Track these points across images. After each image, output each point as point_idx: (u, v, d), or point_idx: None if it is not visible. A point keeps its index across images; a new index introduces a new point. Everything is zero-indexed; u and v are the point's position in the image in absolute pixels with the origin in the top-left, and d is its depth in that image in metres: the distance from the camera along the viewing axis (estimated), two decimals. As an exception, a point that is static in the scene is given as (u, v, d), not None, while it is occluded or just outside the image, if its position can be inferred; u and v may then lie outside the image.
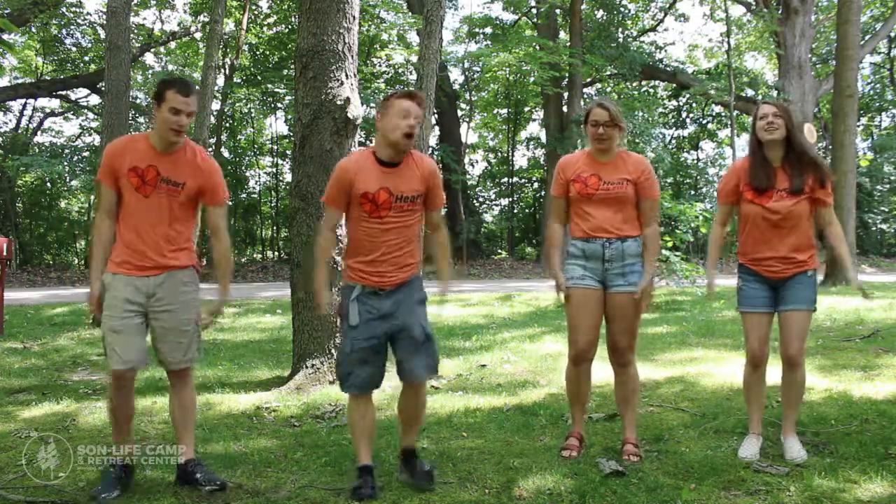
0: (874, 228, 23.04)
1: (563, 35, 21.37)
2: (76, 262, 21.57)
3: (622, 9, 23.87)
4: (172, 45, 22.21)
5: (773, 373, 4.93)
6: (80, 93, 22.08)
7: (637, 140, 21.42)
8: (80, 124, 22.54)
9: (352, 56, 5.17)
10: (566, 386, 3.50)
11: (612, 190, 3.27)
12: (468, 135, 25.32)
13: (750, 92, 22.70)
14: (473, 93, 24.52)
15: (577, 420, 3.50)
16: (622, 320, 3.30)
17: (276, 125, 25.53)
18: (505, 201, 26.48)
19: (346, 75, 5.10)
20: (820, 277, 4.15)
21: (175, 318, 2.99)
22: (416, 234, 3.11)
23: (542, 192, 21.81)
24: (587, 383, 3.47)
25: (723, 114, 25.06)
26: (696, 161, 26.91)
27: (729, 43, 21.26)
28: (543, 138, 23.12)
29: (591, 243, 3.28)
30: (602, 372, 5.32)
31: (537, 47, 18.73)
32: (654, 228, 3.41)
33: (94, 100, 21.34)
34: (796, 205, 3.25)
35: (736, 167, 3.51)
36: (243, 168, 23.36)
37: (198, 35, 21.18)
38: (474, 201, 25.15)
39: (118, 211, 2.98)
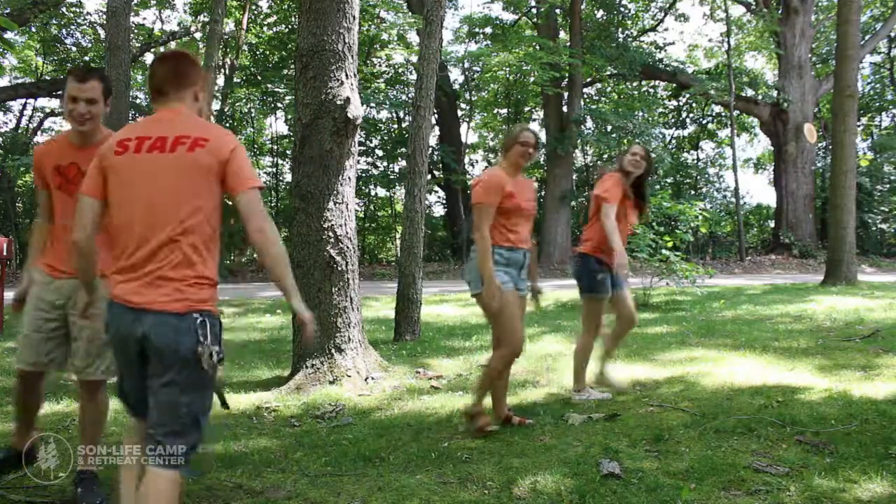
0: (874, 228, 23.02)
1: (563, 35, 21.37)
2: (76, 262, 21.54)
3: (622, 9, 23.88)
4: (172, 45, 22.17)
5: (773, 372, 4.92)
6: (80, 93, 22.07)
7: (637, 140, 21.42)
8: (80, 124, 22.50)
9: (352, 56, 5.18)
10: (492, 382, 3.92)
11: (533, 207, 3.97)
12: (468, 135, 25.36)
13: (750, 92, 22.71)
14: (473, 93, 24.53)
15: (502, 407, 4.04)
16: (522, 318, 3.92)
17: (276, 125, 25.60)
18: (505, 201, 26.47)
19: (346, 75, 5.10)
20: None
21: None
22: None
23: (542, 192, 21.80)
24: None
25: (723, 114, 25.07)
26: (696, 161, 26.91)
27: (729, 43, 21.27)
28: (543, 138, 23.12)
29: (516, 252, 3.80)
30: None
31: (537, 47, 18.73)
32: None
33: (94, 100, 21.31)
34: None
35: None
36: (243, 168, 23.35)
37: (198, 35, 21.18)
38: (474, 201, 25.13)
39: (51, 212, 2.90)
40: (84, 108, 2.76)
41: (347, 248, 5.13)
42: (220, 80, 19.74)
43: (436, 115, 20.23)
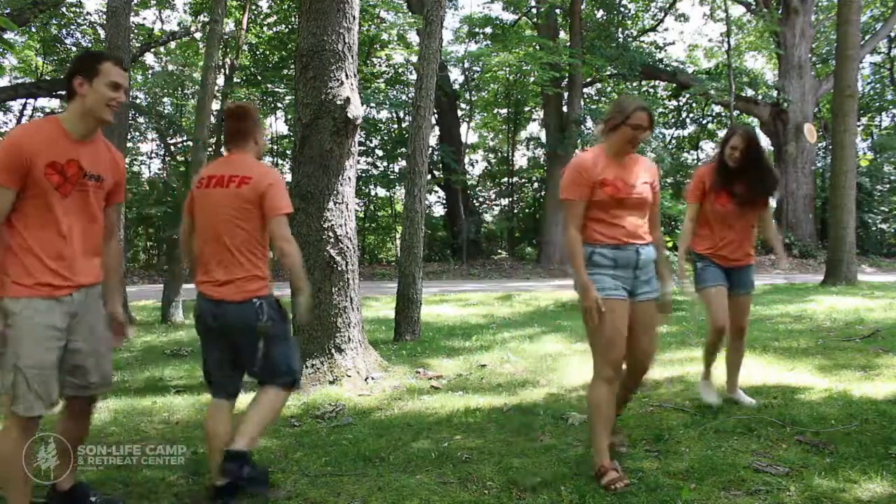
0: (874, 228, 23.02)
1: (563, 35, 21.37)
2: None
3: (622, 9, 23.87)
4: (172, 45, 22.20)
5: (773, 372, 4.92)
6: (80, 93, 22.06)
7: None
8: (80, 124, 22.50)
9: (352, 56, 5.18)
10: (594, 410, 3.06)
11: (642, 193, 3.13)
12: (468, 135, 25.36)
13: (750, 92, 22.71)
14: (473, 93, 24.52)
15: (604, 449, 3.06)
16: (650, 329, 3.17)
17: (276, 125, 25.51)
18: (505, 201, 26.50)
19: (346, 75, 5.10)
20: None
21: (97, 337, 2.62)
22: None
23: (542, 192, 21.80)
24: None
25: (723, 114, 25.07)
26: (696, 161, 26.90)
27: (729, 43, 21.26)
28: (543, 138, 23.11)
29: (624, 250, 3.05)
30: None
31: (537, 47, 18.73)
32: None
33: (94, 100, 21.31)
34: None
35: None
36: (243, 168, 23.36)
37: (198, 35, 21.16)
38: (474, 201, 25.13)
39: (11, 217, 2.43)
40: (124, 98, 2.57)
41: (347, 248, 5.13)
42: (220, 80, 19.73)
43: (436, 115, 20.23)
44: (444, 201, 24.23)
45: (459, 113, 23.91)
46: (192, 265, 3.12)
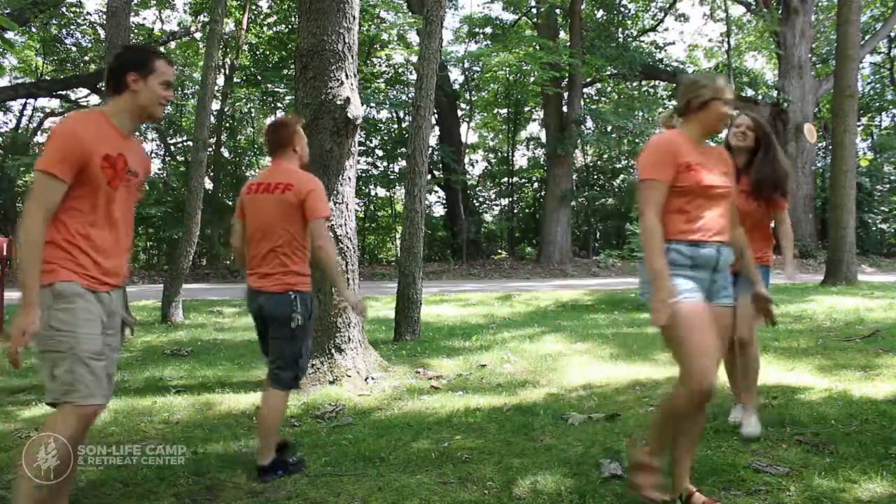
0: (874, 228, 23.04)
1: (563, 35, 21.37)
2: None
3: (622, 9, 23.88)
4: (172, 45, 22.21)
5: (773, 372, 4.92)
6: (80, 93, 22.10)
7: (637, 140, 21.42)
8: (80, 124, 22.52)
9: (352, 56, 5.18)
10: (673, 430, 2.69)
11: (727, 184, 2.74)
12: (468, 135, 25.36)
13: (750, 92, 22.72)
14: (473, 93, 24.52)
15: (682, 476, 2.74)
16: (724, 340, 2.82)
17: (276, 125, 25.52)
18: (505, 201, 26.50)
19: (346, 75, 5.10)
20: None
21: (118, 337, 2.58)
22: None
23: (542, 192, 21.80)
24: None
25: (723, 114, 25.03)
26: (695, 161, 26.85)
27: (729, 43, 21.27)
28: (543, 138, 23.12)
29: (705, 248, 2.64)
30: (600, 371, 5.33)
31: (537, 47, 18.73)
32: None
33: (94, 100, 21.35)
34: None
35: None
36: (243, 168, 23.36)
37: (198, 35, 21.19)
38: (474, 201, 25.15)
39: (58, 211, 2.34)
40: (171, 96, 2.56)
41: (347, 248, 5.13)
42: (221, 80, 19.74)
43: (436, 115, 20.24)
44: (444, 201, 24.24)
45: (459, 113, 23.92)
46: (242, 263, 3.44)
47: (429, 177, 16.62)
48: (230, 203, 22.44)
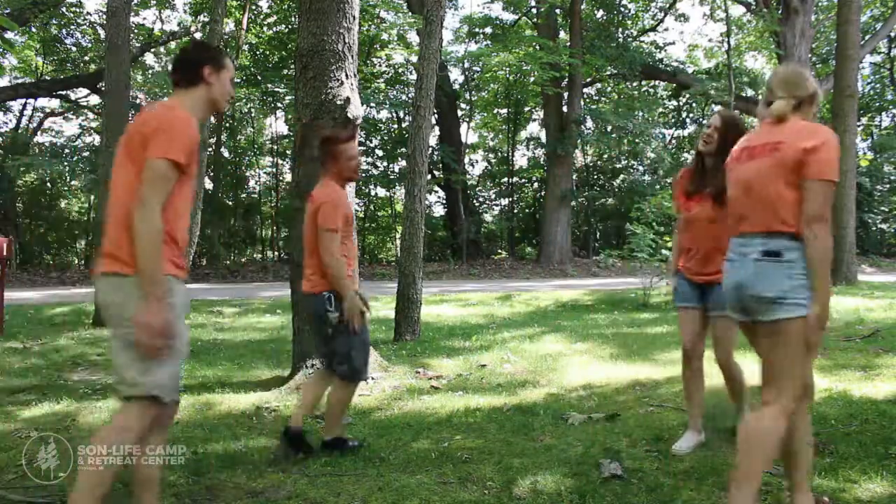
0: (874, 228, 23.05)
1: (563, 35, 21.37)
2: (76, 262, 21.58)
3: (622, 9, 23.88)
4: (172, 45, 22.20)
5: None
6: (80, 93, 22.09)
7: (637, 140, 21.43)
8: (80, 124, 22.58)
9: (352, 56, 5.17)
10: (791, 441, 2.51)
11: None
12: (468, 135, 25.35)
13: (750, 92, 22.71)
14: (473, 93, 24.51)
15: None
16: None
17: (276, 125, 25.52)
18: (505, 201, 26.49)
19: (346, 75, 5.10)
20: None
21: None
22: None
23: (542, 192, 21.80)
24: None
25: (723, 114, 25.03)
26: (695, 161, 26.83)
27: (729, 43, 21.23)
28: (543, 138, 23.11)
29: None
30: (600, 371, 5.33)
31: (537, 47, 18.73)
32: None
33: (94, 100, 21.35)
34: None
35: None
36: (243, 168, 23.37)
37: (198, 35, 21.16)
38: (474, 201, 25.14)
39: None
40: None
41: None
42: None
43: (436, 115, 20.22)
44: (444, 201, 24.23)
45: (459, 113, 23.91)
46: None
47: (429, 177, 16.61)
48: (230, 203, 22.49)
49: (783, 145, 2.43)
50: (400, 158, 21.52)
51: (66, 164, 18.99)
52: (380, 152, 22.50)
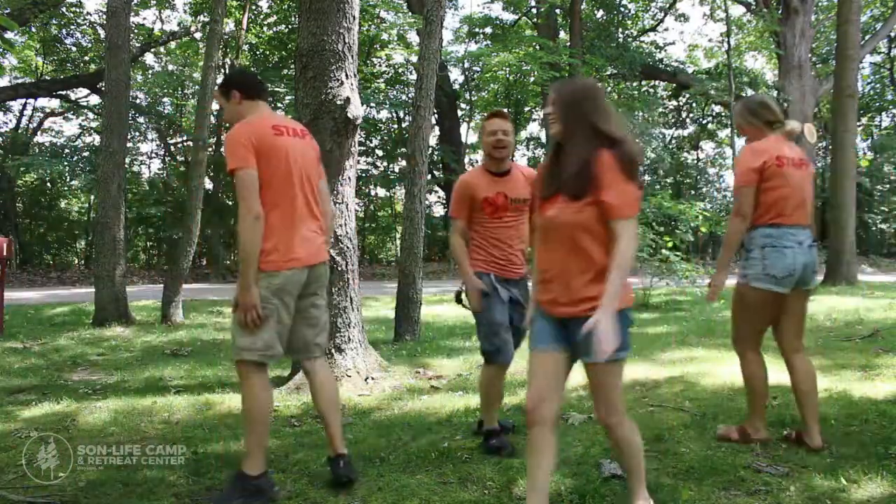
0: (874, 228, 23.06)
1: (563, 35, 21.38)
2: (76, 261, 21.59)
3: (622, 9, 23.89)
4: (172, 45, 22.21)
5: (773, 372, 4.92)
6: (80, 93, 22.09)
7: (637, 140, 21.37)
8: (80, 124, 22.58)
9: (352, 56, 5.17)
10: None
11: None
12: (468, 135, 25.35)
13: (750, 92, 22.70)
14: (473, 93, 24.53)
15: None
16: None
17: (276, 125, 25.50)
18: (505, 201, 26.44)
19: (346, 75, 5.10)
20: None
21: None
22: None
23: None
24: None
25: (723, 114, 25.07)
26: (696, 161, 26.91)
27: (729, 43, 21.25)
28: (543, 138, 23.12)
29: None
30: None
31: (537, 47, 18.74)
32: None
33: (94, 100, 21.35)
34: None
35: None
36: (243, 168, 23.34)
37: (198, 35, 21.17)
38: (474, 201, 25.11)
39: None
40: None
41: (347, 248, 5.13)
42: (220, 80, 19.72)
43: (436, 115, 20.23)
44: (444, 201, 24.23)
45: (459, 113, 23.92)
46: None
47: (429, 177, 16.62)
48: (230, 203, 22.47)
49: (807, 161, 3.35)
50: (400, 158, 21.53)
51: (65, 164, 18.99)
52: (380, 152, 22.52)
